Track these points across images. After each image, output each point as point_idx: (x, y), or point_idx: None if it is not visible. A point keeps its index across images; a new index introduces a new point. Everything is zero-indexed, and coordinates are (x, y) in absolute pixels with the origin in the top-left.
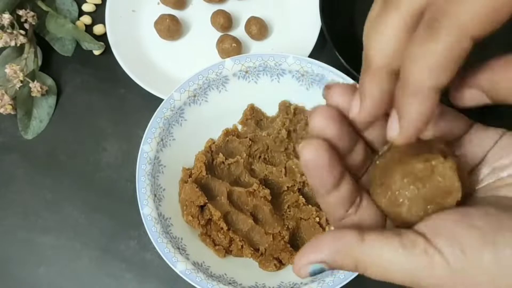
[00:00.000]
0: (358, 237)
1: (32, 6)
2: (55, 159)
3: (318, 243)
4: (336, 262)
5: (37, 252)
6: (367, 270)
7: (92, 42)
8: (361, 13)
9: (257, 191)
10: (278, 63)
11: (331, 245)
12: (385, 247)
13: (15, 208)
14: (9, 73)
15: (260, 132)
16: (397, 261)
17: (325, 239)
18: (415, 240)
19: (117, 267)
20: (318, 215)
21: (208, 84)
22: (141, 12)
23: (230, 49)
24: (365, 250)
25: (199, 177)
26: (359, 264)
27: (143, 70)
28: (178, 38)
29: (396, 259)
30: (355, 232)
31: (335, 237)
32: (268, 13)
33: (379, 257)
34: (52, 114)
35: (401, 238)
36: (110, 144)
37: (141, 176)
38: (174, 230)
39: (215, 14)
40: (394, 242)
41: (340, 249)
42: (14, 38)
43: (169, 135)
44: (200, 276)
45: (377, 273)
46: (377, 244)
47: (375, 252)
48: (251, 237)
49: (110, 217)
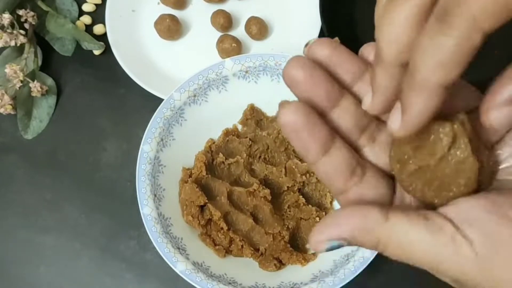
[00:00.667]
0: (382, 215)
1: (32, 6)
2: (55, 159)
3: (338, 218)
4: (356, 239)
5: (37, 252)
6: (387, 248)
7: (92, 42)
8: (361, 13)
9: (257, 191)
10: (278, 63)
11: (352, 221)
12: (410, 228)
13: (15, 208)
14: (9, 73)
15: (260, 132)
16: (420, 244)
17: (346, 215)
18: (442, 225)
19: (117, 267)
20: (318, 215)
21: (208, 84)
22: (141, 12)
23: (230, 49)
24: (388, 229)
25: (199, 177)
26: (380, 243)
27: (143, 70)
28: (178, 38)
29: (420, 242)
30: (379, 209)
31: (357, 213)
32: (268, 13)
33: (403, 238)
34: (52, 114)
35: (428, 221)
36: (110, 144)
37: (141, 176)
38: (174, 230)
39: (215, 14)
40: (420, 224)
41: (363, 226)
42: (14, 38)
43: (169, 135)
44: (200, 276)
45: (397, 253)
46: (402, 225)
47: (399, 233)
48: (251, 237)
49: (110, 217)
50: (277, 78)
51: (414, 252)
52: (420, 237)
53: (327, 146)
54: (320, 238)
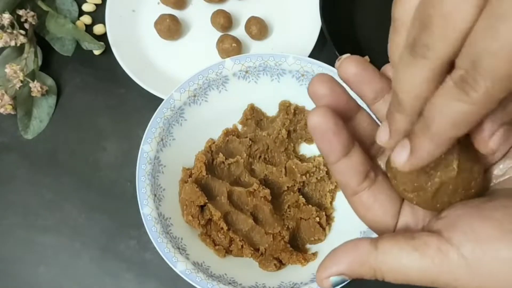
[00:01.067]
0: (370, 246)
1: (32, 6)
2: (55, 159)
3: (334, 256)
4: (354, 272)
5: (37, 252)
6: (384, 276)
7: (92, 42)
8: (361, 13)
9: (257, 191)
10: (278, 63)
11: (346, 256)
12: (399, 252)
13: (15, 207)
14: (9, 73)
15: (260, 132)
16: (412, 264)
17: (340, 252)
18: (427, 240)
19: (117, 267)
20: (318, 215)
21: (208, 84)
22: (141, 12)
23: (230, 49)
24: (379, 257)
25: (199, 177)
26: (377, 271)
27: (143, 70)
28: (178, 38)
29: (411, 262)
30: (367, 240)
31: (349, 248)
32: (268, 13)
33: (395, 263)
34: (52, 114)
35: (414, 241)
36: (110, 144)
37: (141, 176)
38: (174, 230)
39: (215, 14)
40: (408, 245)
41: (356, 260)
42: (14, 38)
43: (169, 135)
44: (200, 276)
45: (395, 278)
46: (391, 251)
47: (389, 259)
48: (251, 237)
49: (110, 217)
50: (277, 78)
51: (409, 273)
52: (410, 257)
53: (348, 148)
54: (324, 275)
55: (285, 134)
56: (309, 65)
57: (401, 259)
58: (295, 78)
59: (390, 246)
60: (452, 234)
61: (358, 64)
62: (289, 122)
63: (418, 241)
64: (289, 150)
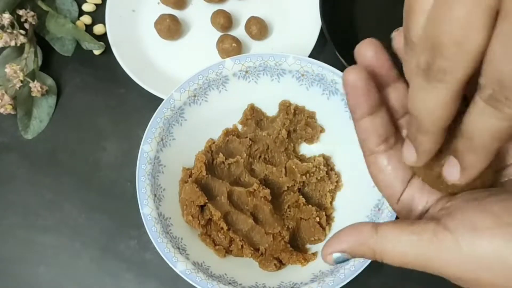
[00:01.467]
0: (372, 230)
1: (32, 6)
2: (55, 159)
3: (339, 235)
4: (355, 252)
5: (37, 252)
6: (383, 258)
7: (92, 42)
8: (361, 13)
9: (257, 191)
10: (278, 63)
11: (349, 237)
12: (399, 235)
13: (15, 207)
14: (9, 73)
15: (260, 132)
16: (410, 248)
17: (345, 232)
18: (426, 225)
19: (117, 267)
20: (318, 215)
21: (208, 84)
22: (141, 12)
23: (230, 49)
24: (379, 240)
25: (199, 177)
26: (376, 253)
27: (143, 70)
28: (178, 38)
29: (410, 246)
30: (370, 224)
31: (353, 230)
32: (268, 13)
33: (395, 246)
34: (52, 114)
35: (413, 227)
36: (110, 144)
37: (141, 176)
38: (174, 230)
39: (215, 14)
40: (407, 230)
41: (358, 240)
42: (14, 38)
43: (169, 135)
44: (200, 276)
45: (393, 260)
46: (390, 235)
47: (390, 241)
48: (251, 237)
49: (110, 217)
50: (277, 78)
51: (407, 256)
52: (408, 241)
53: (375, 108)
54: (328, 251)
55: (285, 134)
56: (309, 65)
57: (399, 242)
58: (295, 78)
59: (392, 230)
60: (449, 222)
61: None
62: (289, 122)
63: (417, 227)
64: (289, 150)
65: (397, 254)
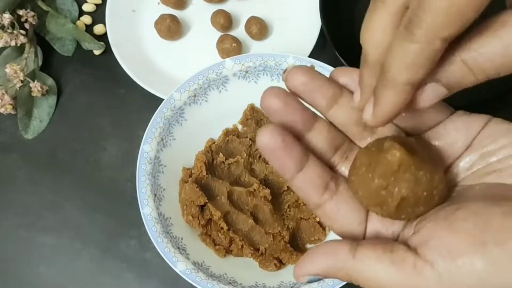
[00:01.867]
0: (349, 254)
1: (33, 6)
2: (56, 159)
3: (313, 256)
4: (330, 275)
5: (37, 252)
6: (359, 283)
7: (92, 42)
8: (361, 13)
9: (257, 191)
10: (278, 63)
11: (324, 260)
12: (377, 263)
13: (16, 207)
14: (9, 73)
15: None
16: (387, 278)
17: (319, 254)
18: (405, 256)
19: (118, 266)
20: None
21: (208, 84)
22: (141, 12)
23: (230, 49)
24: (356, 266)
25: (199, 177)
26: (352, 278)
27: (143, 70)
28: (178, 38)
29: (387, 275)
30: (347, 247)
31: (328, 252)
32: (268, 13)
33: (371, 274)
34: (52, 114)
35: (392, 255)
36: (110, 144)
37: (141, 176)
38: (174, 230)
39: (215, 14)
40: (385, 258)
41: (333, 265)
42: (15, 38)
43: (169, 135)
44: (200, 276)
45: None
46: (369, 261)
47: (367, 269)
48: (251, 237)
49: (110, 217)
50: (277, 78)
51: (384, 285)
52: (386, 271)
53: (302, 163)
54: (300, 273)
55: None
56: (309, 65)
57: (377, 271)
58: None
59: (368, 256)
60: (426, 251)
61: (305, 73)
62: None
63: (396, 256)
64: None
65: (374, 282)
